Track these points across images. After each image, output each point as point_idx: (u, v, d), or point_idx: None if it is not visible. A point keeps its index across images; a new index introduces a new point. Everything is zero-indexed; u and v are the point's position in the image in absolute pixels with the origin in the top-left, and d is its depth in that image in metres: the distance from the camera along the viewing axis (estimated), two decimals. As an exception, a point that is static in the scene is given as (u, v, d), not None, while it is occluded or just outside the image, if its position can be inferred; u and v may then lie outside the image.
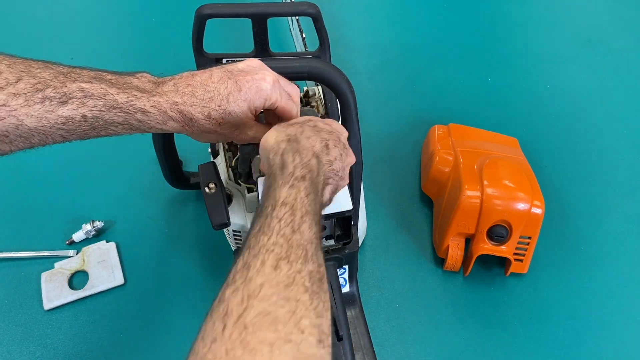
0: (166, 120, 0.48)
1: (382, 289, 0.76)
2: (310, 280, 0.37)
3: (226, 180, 0.66)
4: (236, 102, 0.50)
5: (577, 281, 0.77)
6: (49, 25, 1.14)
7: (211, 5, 0.66)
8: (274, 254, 0.37)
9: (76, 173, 0.88)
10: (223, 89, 0.49)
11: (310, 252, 0.39)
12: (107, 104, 0.46)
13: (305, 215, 0.41)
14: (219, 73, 0.50)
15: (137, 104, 0.47)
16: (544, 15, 1.20)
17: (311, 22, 0.69)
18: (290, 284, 0.36)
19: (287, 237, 0.39)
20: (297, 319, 0.34)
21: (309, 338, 0.34)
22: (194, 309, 0.72)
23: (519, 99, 1.02)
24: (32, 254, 0.77)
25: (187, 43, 0.70)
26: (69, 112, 0.44)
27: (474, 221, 0.72)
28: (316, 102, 0.74)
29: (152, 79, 0.49)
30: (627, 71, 1.07)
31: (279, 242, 0.38)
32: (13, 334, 0.71)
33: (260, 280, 0.35)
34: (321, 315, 0.36)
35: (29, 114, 0.43)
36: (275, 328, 0.33)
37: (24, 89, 0.43)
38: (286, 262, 0.37)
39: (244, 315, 0.33)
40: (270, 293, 0.35)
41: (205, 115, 0.49)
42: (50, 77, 0.44)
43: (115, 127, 0.47)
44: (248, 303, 0.34)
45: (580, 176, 0.90)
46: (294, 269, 0.37)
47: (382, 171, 0.89)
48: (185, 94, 0.48)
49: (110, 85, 0.46)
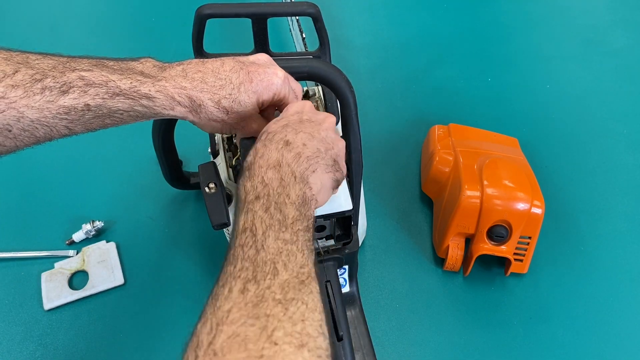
0: (173, 106, 0.48)
1: (382, 289, 0.76)
2: (283, 291, 0.37)
3: (226, 180, 0.66)
4: (247, 93, 0.49)
5: (577, 281, 0.77)
6: (49, 25, 1.14)
7: (211, 5, 0.66)
8: (240, 279, 0.37)
9: (76, 173, 0.87)
10: (235, 78, 0.49)
11: (281, 262, 0.39)
12: (110, 91, 0.45)
13: (268, 229, 0.40)
14: (230, 62, 0.50)
15: (142, 89, 0.46)
16: (544, 15, 1.20)
17: (311, 22, 0.69)
18: (259, 302, 0.36)
19: (252, 260, 0.38)
20: (269, 333, 0.34)
21: (284, 347, 0.34)
22: (194, 309, 0.71)
23: (519, 99, 1.02)
24: (32, 254, 0.77)
25: (187, 43, 0.70)
26: (70, 101, 0.43)
27: (474, 221, 0.72)
28: (316, 102, 0.74)
29: (157, 64, 0.49)
30: (627, 71, 1.07)
31: (245, 267, 0.38)
32: (13, 334, 0.71)
33: (227, 306, 0.35)
34: (303, 319, 0.36)
35: (29, 106, 0.42)
36: (246, 347, 0.33)
37: (22, 80, 0.42)
38: (253, 283, 0.37)
39: (214, 342, 0.33)
40: (238, 316, 0.35)
41: (215, 103, 0.49)
42: (49, 67, 0.43)
43: (121, 114, 0.46)
44: (217, 330, 0.34)
45: (580, 176, 0.90)
46: (262, 287, 0.37)
47: (382, 171, 0.89)
48: (195, 79, 0.48)
49: (112, 71, 0.45)
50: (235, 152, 0.68)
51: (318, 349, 0.35)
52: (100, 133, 0.79)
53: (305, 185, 0.45)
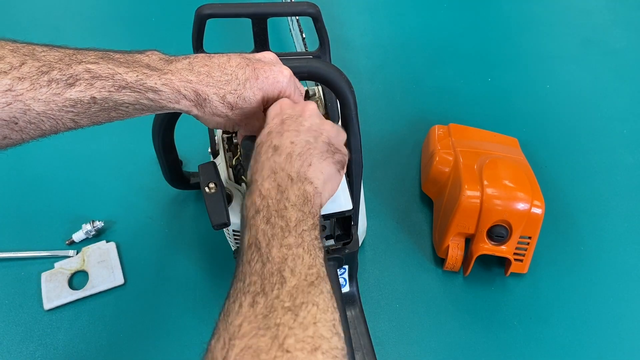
0: (179, 99, 0.48)
1: (382, 289, 0.76)
2: (292, 297, 0.37)
3: (226, 180, 0.66)
4: (252, 89, 0.49)
5: (577, 281, 0.77)
6: (49, 25, 1.14)
7: (211, 5, 0.66)
8: (249, 294, 0.38)
9: (76, 173, 0.87)
10: (241, 74, 0.49)
11: (288, 269, 0.39)
12: (116, 84, 0.45)
13: (271, 240, 0.41)
14: (237, 58, 0.50)
15: (148, 82, 0.46)
16: (544, 15, 1.20)
17: (311, 22, 0.69)
18: (269, 313, 0.36)
19: (259, 273, 0.39)
20: (280, 342, 0.34)
21: (297, 354, 0.34)
22: (194, 309, 0.72)
23: (519, 99, 1.02)
24: (32, 254, 0.77)
25: (187, 43, 0.70)
26: (76, 94, 0.43)
27: (474, 221, 0.72)
28: (316, 102, 0.74)
29: (163, 57, 0.49)
30: (627, 71, 1.07)
31: (253, 281, 0.39)
32: (13, 334, 0.71)
33: (238, 321, 0.36)
34: (314, 322, 0.36)
35: (36, 98, 0.42)
36: (258, 358, 0.33)
37: (29, 73, 0.42)
38: (262, 296, 0.37)
39: (227, 357, 0.34)
40: (249, 329, 0.35)
41: (220, 97, 0.48)
42: (55, 60, 0.43)
43: (127, 107, 0.46)
44: (229, 344, 0.35)
45: (581, 176, 0.90)
46: (271, 297, 0.37)
47: (382, 171, 0.89)
48: (201, 73, 0.48)
49: (119, 64, 0.45)
50: (235, 152, 0.68)
51: (333, 350, 0.36)
52: (101, 133, 0.79)
53: (305, 182, 0.45)
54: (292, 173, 0.45)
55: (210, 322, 0.39)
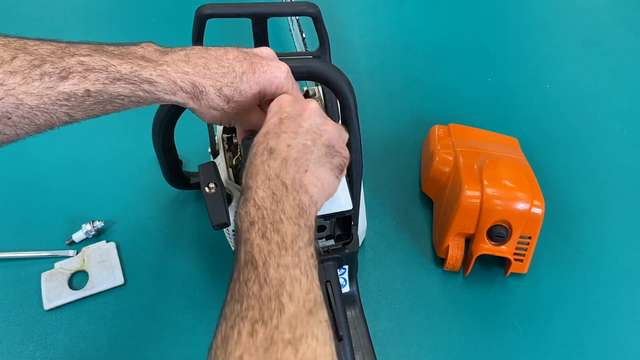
0: (175, 91, 0.47)
1: (382, 289, 0.76)
2: (292, 328, 0.36)
3: (226, 180, 0.66)
4: (249, 83, 0.49)
5: (577, 281, 0.77)
6: (48, 24, 1.14)
7: (211, 5, 0.66)
8: (248, 320, 0.37)
9: (76, 173, 0.87)
10: (238, 67, 0.49)
11: (286, 294, 0.38)
12: (110, 76, 0.44)
13: (268, 258, 0.39)
14: (234, 51, 0.50)
15: (143, 74, 0.45)
16: (544, 15, 1.20)
17: (311, 22, 0.69)
18: (269, 346, 0.35)
19: (257, 297, 0.38)
20: None
21: None
22: (194, 309, 0.72)
23: (518, 99, 1.02)
24: (32, 254, 0.77)
25: (187, 43, 0.70)
26: (70, 87, 0.43)
27: (474, 221, 0.72)
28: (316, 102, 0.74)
29: (159, 48, 0.48)
30: (627, 71, 1.07)
31: (251, 305, 0.37)
32: (13, 334, 0.71)
33: (238, 352, 0.35)
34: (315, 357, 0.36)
35: (29, 92, 0.41)
36: None
37: (21, 66, 0.41)
38: (261, 324, 0.36)
39: None
40: None
41: (217, 90, 0.48)
42: (47, 53, 0.42)
43: (122, 99, 0.45)
44: None
45: (580, 176, 0.90)
46: (270, 327, 0.36)
47: (382, 171, 0.89)
48: (198, 65, 0.47)
49: (112, 56, 0.44)
50: (235, 152, 0.68)
51: None
52: (101, 133, 0.79)
53: (300, 191, 0.44)
54: (286, 180, 0.44)
55: (210, 322, 0.39)
